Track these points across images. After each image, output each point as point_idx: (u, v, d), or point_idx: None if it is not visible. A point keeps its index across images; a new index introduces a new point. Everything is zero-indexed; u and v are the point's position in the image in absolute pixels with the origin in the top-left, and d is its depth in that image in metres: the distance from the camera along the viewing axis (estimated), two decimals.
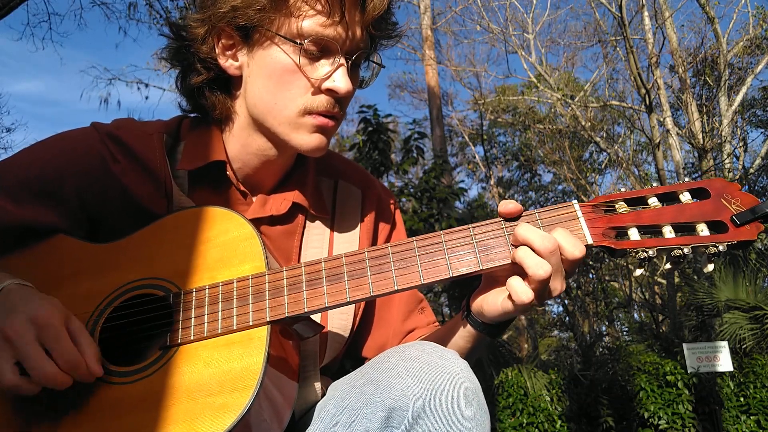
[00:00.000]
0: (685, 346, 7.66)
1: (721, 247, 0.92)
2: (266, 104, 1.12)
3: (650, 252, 0.95)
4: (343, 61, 1.10)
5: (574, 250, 0.95)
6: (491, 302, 1.04)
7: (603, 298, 18.78)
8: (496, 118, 22.13)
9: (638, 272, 0.98)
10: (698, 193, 1.00)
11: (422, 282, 0.99)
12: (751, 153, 17.84)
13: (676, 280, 13.13)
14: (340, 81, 1.10)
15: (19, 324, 0.89)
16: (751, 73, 14.62)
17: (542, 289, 0.95)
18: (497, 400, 8.24)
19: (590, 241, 0.98)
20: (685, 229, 0.97)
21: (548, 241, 0.94)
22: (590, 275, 18.39)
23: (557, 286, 0.97)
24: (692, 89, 15.24)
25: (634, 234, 0.98)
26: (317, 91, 1.11)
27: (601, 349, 11.82)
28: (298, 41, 1.07)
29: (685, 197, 0.99)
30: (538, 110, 20.61)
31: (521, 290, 0.95)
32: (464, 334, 1.12)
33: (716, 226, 0.96)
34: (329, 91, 1.11)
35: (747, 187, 15.07)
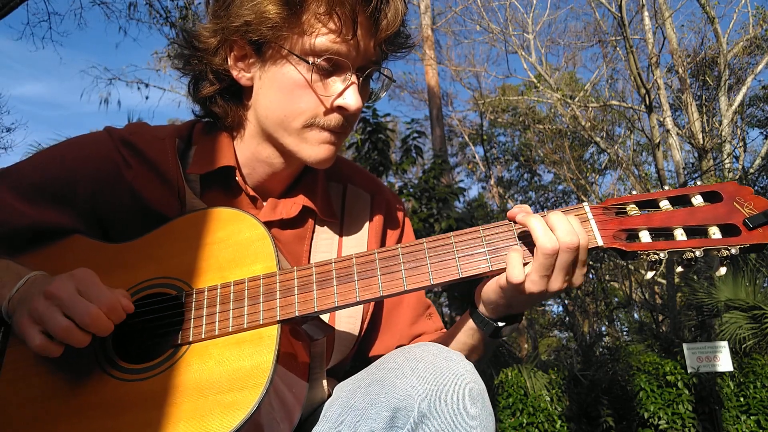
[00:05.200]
0: (685, 346, 7.67)
1: (733, 251, 0.92)
2: (276, 117, 1.13)
3: (661, 255, 0.95)
4: (354, 78, 1.11)
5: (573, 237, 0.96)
6: (489, 284, 1.05)
7: (603, 298, 18.78)
8: (496, 118, 22.13)
9: (649, 275, 0.97)
10: (710, 197, 0.99)
11: (432, 283, 1.00)
12: (751, 153, 17.86)
13: (676, 280, 13.13)
14: (351, 99, 1.10)
15: (60, 282, 0.94)
16: (751, 73, 14.62)
17: (544, 273, 0.97)
18: (497, 400, 8.24)
19: (600, 243, 0.99)
20: (696, 232, 0.96)
21: (570, 236, 0.95)
22: (590, 275, 18.38)
23: (555, 285, 0.98)
24: (692, 89, 15.23)
25: (645, 236, 0.98)
26: (329, 109, 1.12)
27: (601, 349, 11.82)
28: (310, 60, 1.08)
29: (697, 200, 0.99)
30: (538, 110, 20.62)
31: (515, 265, 0.97)
32: (467, 331, 1.13)
33: (728, 230, 0.95)
34: (340, 109, 1.12)
35: None
